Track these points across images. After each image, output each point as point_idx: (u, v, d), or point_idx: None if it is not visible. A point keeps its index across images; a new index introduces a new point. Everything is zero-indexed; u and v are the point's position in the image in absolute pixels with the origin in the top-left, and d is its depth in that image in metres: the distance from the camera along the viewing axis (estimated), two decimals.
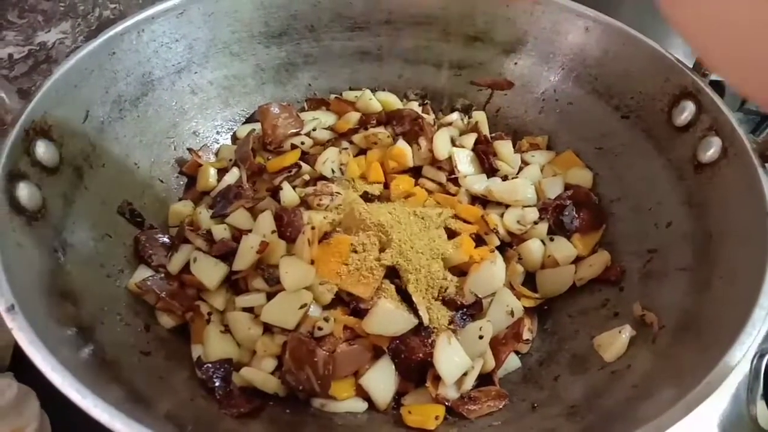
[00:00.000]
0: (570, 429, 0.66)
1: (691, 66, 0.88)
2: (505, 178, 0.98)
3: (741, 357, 0.58)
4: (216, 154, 1.02)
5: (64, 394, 0.54)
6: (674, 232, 0.83)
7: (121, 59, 0.89)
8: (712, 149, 0.81)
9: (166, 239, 0.87)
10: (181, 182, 0.98)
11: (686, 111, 0.85)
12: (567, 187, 0.96)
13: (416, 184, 0.96)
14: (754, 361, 0.93)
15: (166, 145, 0.97)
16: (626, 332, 0.75)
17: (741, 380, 0.91)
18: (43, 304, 0.65)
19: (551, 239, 0.90)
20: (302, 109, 1.08)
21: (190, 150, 0.98)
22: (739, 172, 0.76)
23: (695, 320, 0.70)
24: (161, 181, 0.95)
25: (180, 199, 0.96)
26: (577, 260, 0.90)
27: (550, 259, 0.89)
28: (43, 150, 0.75)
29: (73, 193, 0.79)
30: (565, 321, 0.86)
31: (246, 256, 0.79)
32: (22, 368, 0.78)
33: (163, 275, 0.83)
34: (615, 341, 0.75)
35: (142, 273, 0.82)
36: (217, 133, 1.04)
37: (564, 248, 0.89)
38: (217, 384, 0.73)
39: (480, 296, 0.81)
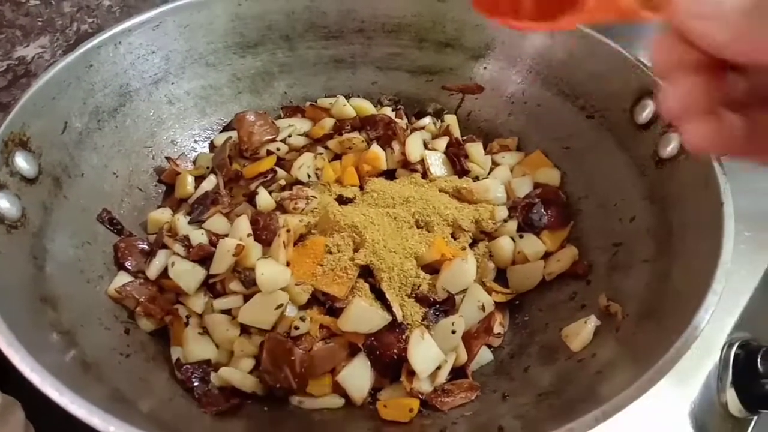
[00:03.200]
0: (537, 415, 0.68)
1: (651, 65, 0.91)
2: (476, 179, 1.00)
3: (694, 339, 0.61)
4: (194, 162, 1.04)
5: (49, 404, 0.55)
6: (638, 226, 0.85)
7: (99, 71, 0.91)
8: (671, 145, 0.84)
9: (144, 246, 0.88)
10: (160, 190, 1.00)
11: (647, 109, 0.88)
12: (536, 186, 0.99)
13: None
14: (724, 351, 0.96)
15: (145, 155, 0.99)
16: (591, 322, 0.78)
17: (711, 369, 0.94)
18: (24, 309, 0.67)
19: (521, 236, 0.93)
20: (278, 117, 1.11)
21: (168, 159, 1.00)
22: (697, 166, 0.79)
23: (656, 308, 0.73)
24: (140, 190, 0.97)
25: (158, 207, 0.97)
26: (546, 256, 0.92)
27: (520, 255, 0.91)
28: (21, 161, 0.77)
29: (52, 203, 0.81)
30: (535, 314, 0.88)
31: (223, 259, 0.81)
32: (6, 380, 0.79)
33: (142, 280, 0.85)
34: (581, 331, 0.77)
35: (122, 279, 0.84)
36: (195, 141, 1.06)
37: (533, 245, 0.92)
38: (195, 384, 0.75)
39: (452, 292, 0.83)
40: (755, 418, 0.93)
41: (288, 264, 0.83)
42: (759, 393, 0.91)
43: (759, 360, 0.92)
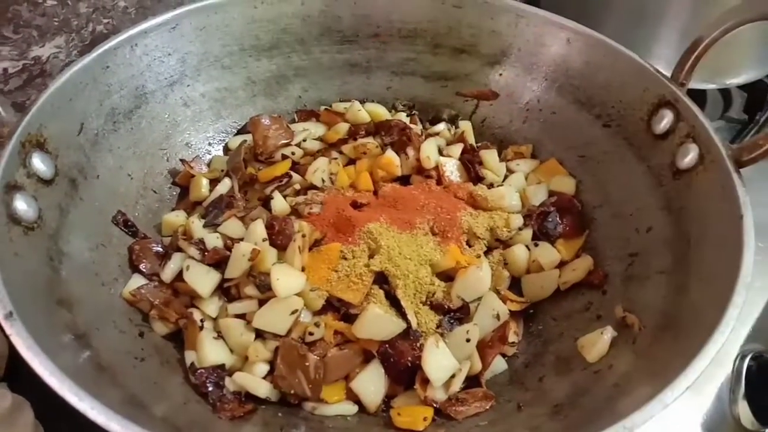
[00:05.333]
0: (553, 427, 0.68)
1: (669, 76, 0.91)
2: (490, 186, 1.00)
3: (714, 354, 0.60)
4: (208, 165, 1.04)
5: (58, 404, 0.55)
6: (654, 237, 0.85)
7: (115, 73, 0.92)
8: (689, 156, 0.83)
9: (159, 248, 0.88)
10: (174, 193, 1.00)
11: (665, 119, 0.88)
12: (551, 194, 0.98)
13: None
14: (737, 363, 0.95)
15: (159, 157, 0.99)
16: (608, 333, 0.77)
17: (723, 381, 0.94)
18: (41, 312, 0.67)
19: (536, 245, 0.93)
20: (293, 121, 1.11)
21: (182, 161, 1.00)
22: (716, 177, 0.79)
23: (674, 321, 0.72)
24: (154, 192, 0.97)
25: (173, 210, 0.97)
26: (561, 265, 0.92)
27: (535, 264, 0.91)
28: (38, 162, 0.77)
29: (68, 204, 0.81)
30: (550, 324, 0.88)
31: (238, 263, 0.81)
32: (16, 379, 0.79)
33: (156, 283, 0.84)
34: (597, 342, 0.77)
35: (136, 281, 0.84)
36: (209, 144, 1.06)
37: (548, 253, 0.92)
38: (210, 389, 0.75)
39: (467, 300, 0.83)
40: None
41: (303, 269, 0.82)
42: None
43: None
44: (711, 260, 0.74)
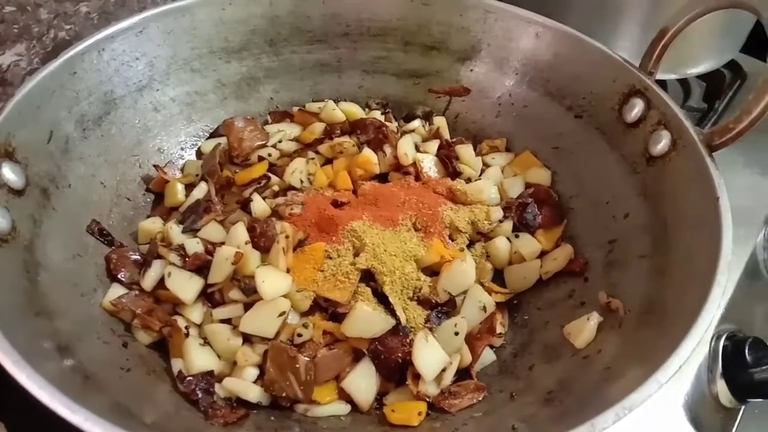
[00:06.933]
0: (549, 413, 0.68)
1: (637, 65, 0.93)
2: (468, 180, 1.01)
3: (704, 332, 0.62)
4: (181, 170, 1.02)
5: (34, 423, 0.53)
6: (632, 222, 0.87)
7: (83, 78, 0.89)
8: (662, 142, 0.85)
9: (137, 256, 0.86)
10: (149, 200, 0.98)
11: (636, 108, 0.90)
12: (527, 186, 1.00)
13: None
14: (713, 342, 0.98)
15: (132, 163, 0.97)
16: (594, 319, 0.79)
17: (701, 361, 0.96)
18: (22, 326, 0.65)
19: (516, 236, 0.94)
20: (266, 123, 1.09)
21: (156, 167, 0.97)
22: (689, 162, 0.81)
23: (658, 303, 0.74)
24: (128, 200, 0.95)
25: (148, 216, 0.95)
26: (542, 255, 0.93)
27: (517, 255, 0.92)
28: (8, 172, 0.75)
29: (41, 215, 0.79)
30: (534, 313, 0.89)
31: (221, 268, 0.80)
32: None
33: (137, 292, 0.82)
34: (584, 328, 0.78)
35: (116, 291, 0.82)
36: (182, 149, 1.04)
37: (529, 244, 0.93)
38: (200, 396, 0.73)
39: (453, 294, 0.83)
40: (743, 407, 0.95)
41: (288, 271, 0.81)
42: (747, 382, 0.93)
43: (747, 350, 0.94)
44: (690, 242, 0.76)
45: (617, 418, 0.56)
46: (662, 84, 1.35)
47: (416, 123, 1.08)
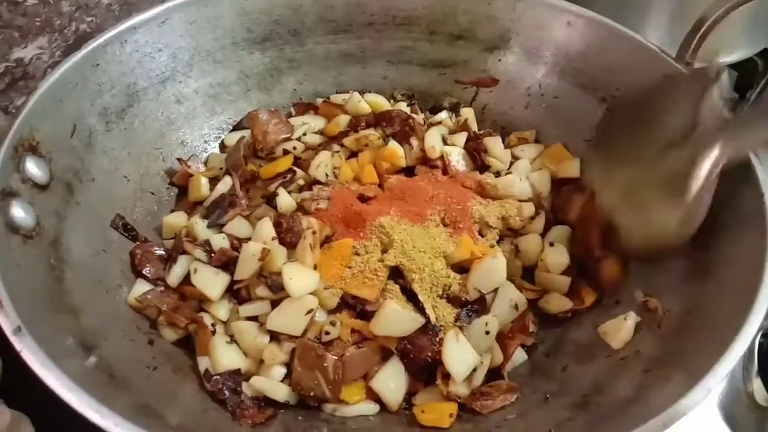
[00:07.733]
0: (586, 418, 0.66)
1: (673, 55, 0.90)
2: (497, 174, 0.98)
3: (753, 334, 0.59)
4: (205, 163, 1.00)
5: (57, 417, 0.53)
6: None
7: (105, 71, 0.88)
8: None
9: (162, 252, 0.85)
10: (172, 193, 0.97)
11: None
12: (561, 181, 0.97)
13: None
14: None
15: (155, 157, 0.95)
16: (631, 319, 0.76)
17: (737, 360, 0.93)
18: (47, 323, 0.64)
19: (551, 245, 0.90)
20: (289, 114, 1.07)
21: (179, 160, 0.96)
22: None
23: (700, 304, 0.71)
24: (152, 194, 0.94)
25: (172, 211, 0.94)
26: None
27: (543, 264, 0.89)
28: (32, 166, 0.74)
29: (65, 210, 0.78)
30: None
31: (248, 264, 0.78)
32: (12, 394, 0.75)
33: (162, 288, 0.81)
34: (621, 328, 0.76)
35: (141, 287, 0.81)
36: (205, 142, 1.03)
37: (558, 255, 0.88)
38: (227, 395, 0.72)
39: (483, 292, 0.81)
40: None
41: (315, 267, 0.80)
42: None
43: None
44: (734, 242, 0.73)
45: (664, 427, 0.53)
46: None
47: (443, 115, 1.06)
